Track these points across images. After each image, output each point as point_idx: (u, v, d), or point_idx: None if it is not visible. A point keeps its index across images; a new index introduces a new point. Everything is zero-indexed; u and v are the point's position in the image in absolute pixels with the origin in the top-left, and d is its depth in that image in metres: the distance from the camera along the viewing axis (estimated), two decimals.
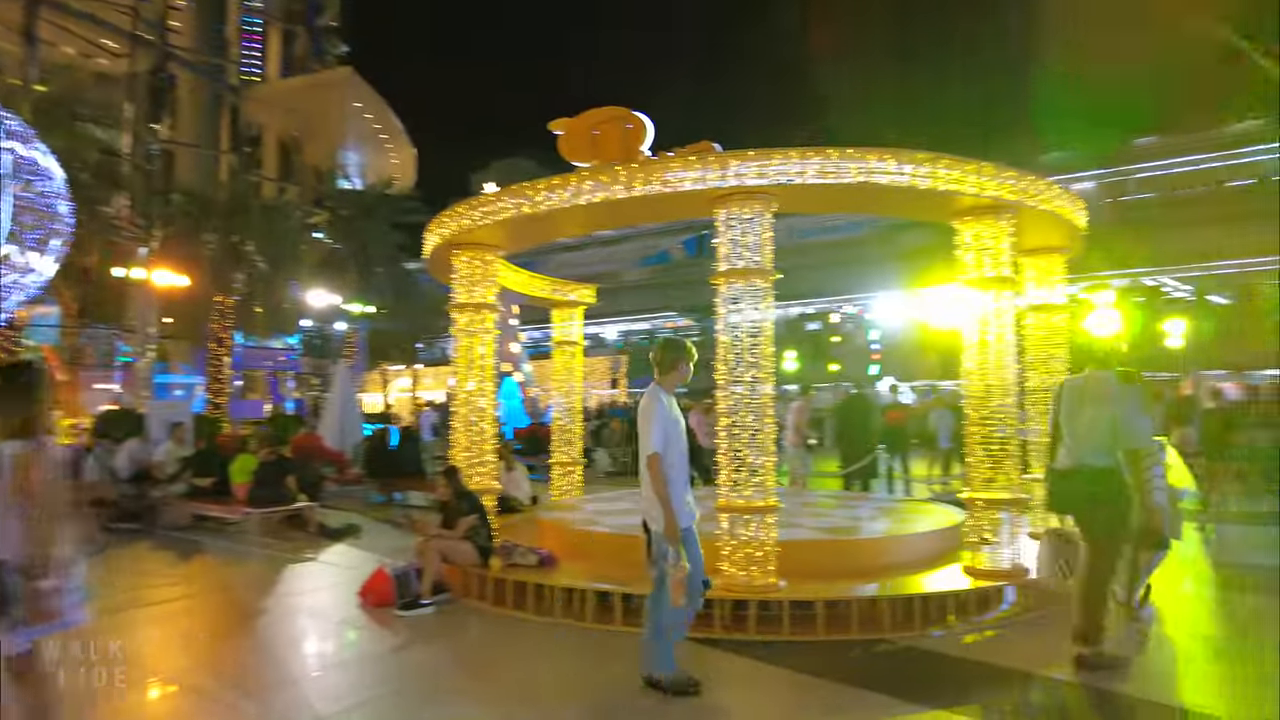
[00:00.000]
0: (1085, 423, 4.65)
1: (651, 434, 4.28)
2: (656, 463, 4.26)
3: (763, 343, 5.72)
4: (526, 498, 10.24)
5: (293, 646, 5.71)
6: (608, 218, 6.60)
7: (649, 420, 4.31)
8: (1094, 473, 4.57)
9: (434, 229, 7.35)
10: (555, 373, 10.31)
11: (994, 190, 5.97)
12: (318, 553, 9.02)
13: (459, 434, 7.42)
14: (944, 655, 5.01)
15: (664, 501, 4.23)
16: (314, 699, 4.53)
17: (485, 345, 7.43)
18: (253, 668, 5.16)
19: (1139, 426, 4.67)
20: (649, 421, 4.31)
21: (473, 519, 6.54)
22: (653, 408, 4.34)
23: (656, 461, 4.26)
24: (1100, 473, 4.57)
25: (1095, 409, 4.63)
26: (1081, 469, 4.62)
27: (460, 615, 6.21)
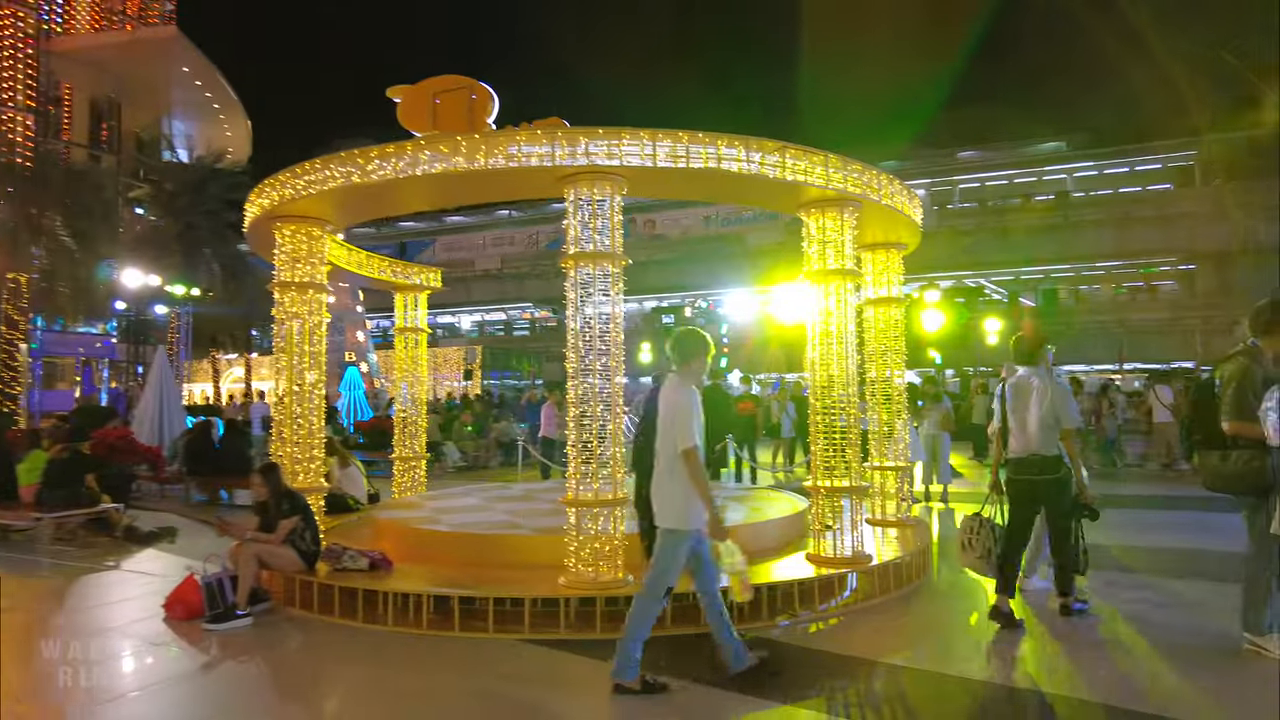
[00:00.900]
0: (1032, 417, 5.34)
1: (692, 426, 4.09)
2: (696, 456, 4.07)
3: (614, 330, 5.50)
4: (364, 496, 9.60)
5: (78, 673, 4.92)
6: (450, 192, 6.17)
7: (687, 412, 4.10)
8: (1044, 460, 5.30)
9: (255, 199, 6.64)
10: (398, 361, 9.70)
11: (840, 183, 6.04)
12: (122, 560, 8.05)
13: (284, 427, 6.77)
14: (791, 646, 5.00)
15: (708, 497, 4.08)
16: None
17: (317, 330, 6.80)
18: (22, 703, 4.41)
19: (1072, 409, 5.39)
20: (687, 414, 4.10)
21: (295, 521, 5.95)
22: (688, 400, 4.14)
23: (696, 455, 4.07)
24: (1050, 460, 5.31)
25: (1038, 404, 5.32)
26: (1034, 457, 5.32)
27: (280, 627, 5.63)
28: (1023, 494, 5.43)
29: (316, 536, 6.12)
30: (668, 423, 4.16)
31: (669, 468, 4.14)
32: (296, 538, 5.96)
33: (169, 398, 15.22)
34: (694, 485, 4.06)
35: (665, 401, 4.22)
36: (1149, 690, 4.26)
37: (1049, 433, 5.30)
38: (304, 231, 6.63)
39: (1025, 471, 5.37)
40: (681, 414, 4.10)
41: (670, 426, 4.14)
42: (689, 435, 4.07)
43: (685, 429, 4.08)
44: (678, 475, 4.09)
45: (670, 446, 4.12)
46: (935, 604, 6.12)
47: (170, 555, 8.19)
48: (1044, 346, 5.60)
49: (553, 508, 7.70)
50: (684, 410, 4.11)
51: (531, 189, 5.95)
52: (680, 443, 4.07)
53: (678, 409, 4.12)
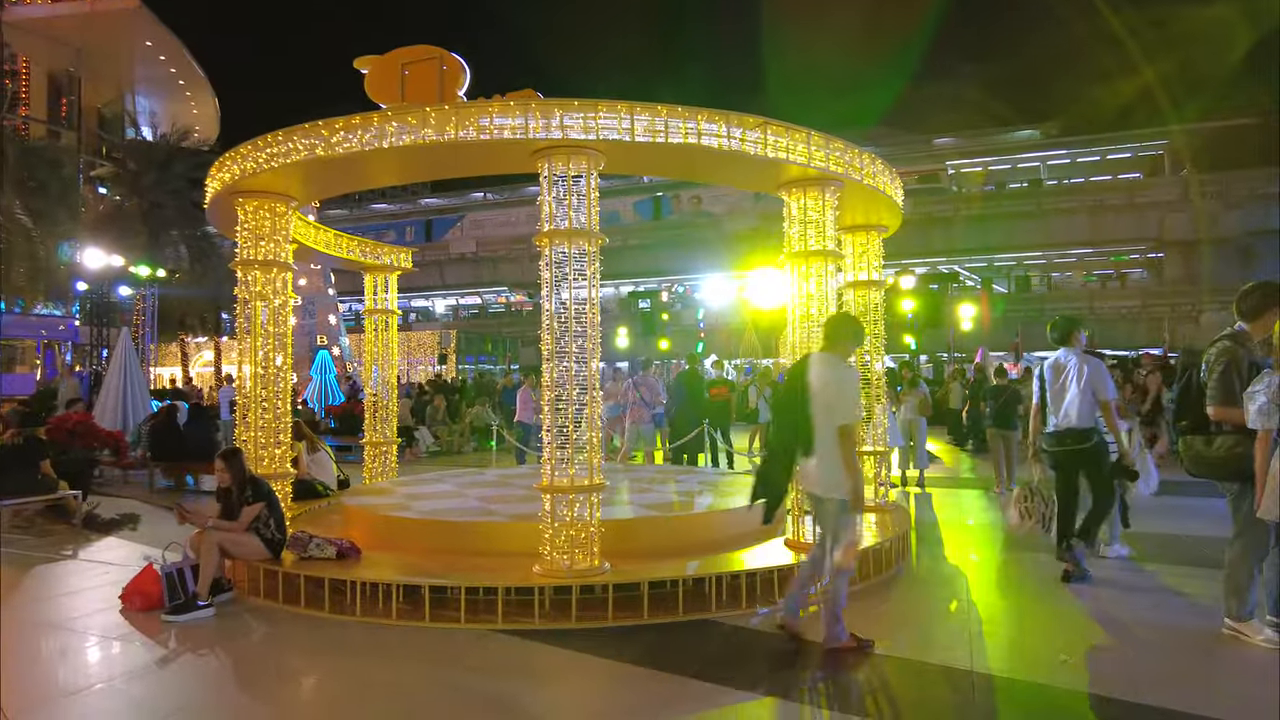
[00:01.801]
0: (1070, 393, 5.77)
1: (855, 402, 4.39)
2: (852, 432, 4.30)
3: (590, 312, 5.33)
4: (333, 481, 9.36)
5: (22, 670, 4.67)
6: (419, 166, 5.93)
7: (849, 388, 4.39)
8: (1080, 432, 5.76)
9: (215, 173, 6.36)
10: (368, 344, 9.45)
11: (822, 161, 5.89)
12: (80, 548, 7.78)
13: (248, 411, 6.53)
14: (770, 635, 4.88)
15: (856, 471, 4.29)
16: None
17: (282, 311, 6.56)
18: None
19: (1109, 384, 5.78)
20: (849, 389, 4.39)
21: (259, 508, 5.74)
22: (849, 376, 4.47)
23: (852, 431, 4.30)
24: (1086, 431, 5.76)
25: (1076, 381, 5.75)
26: (1071, 430, 5.77)
27: (243, 618, 5.43)
28: (1064, 462, 5.90)
29: (282, 524, 5.92)
30: (830, 399, 4.32)
31: (832, 441, 4.30)
32: (260, 525, 5.75)
33: (133, 381, 14.81)
34: (849, 459, 4.26)
35: (824, 379, 4.37)
36: (1125, 677, 4.20)
37: (1087, 407, 5.72)
38: (267, 207, 6.36)
39: (1064, 443, 5.84)
40: (844, 390, 4.35)
41: (833, 402, 4.31)
42: (852, 411, 4.32)
43: (847, 404, 4.31)
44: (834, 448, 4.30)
45: (832, 420, 4.29)
46: (915, 590, 6.05)
47: (131, 543, 7.93)
48: (1078, 330, 6.04)
49: (527, 494, 7.55)
50: (847, 386, 4.38)
51: (504, 163, 5.74)
52: (841, 419, 4.26)
53: (839, 385, 4.34)
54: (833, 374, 4.37)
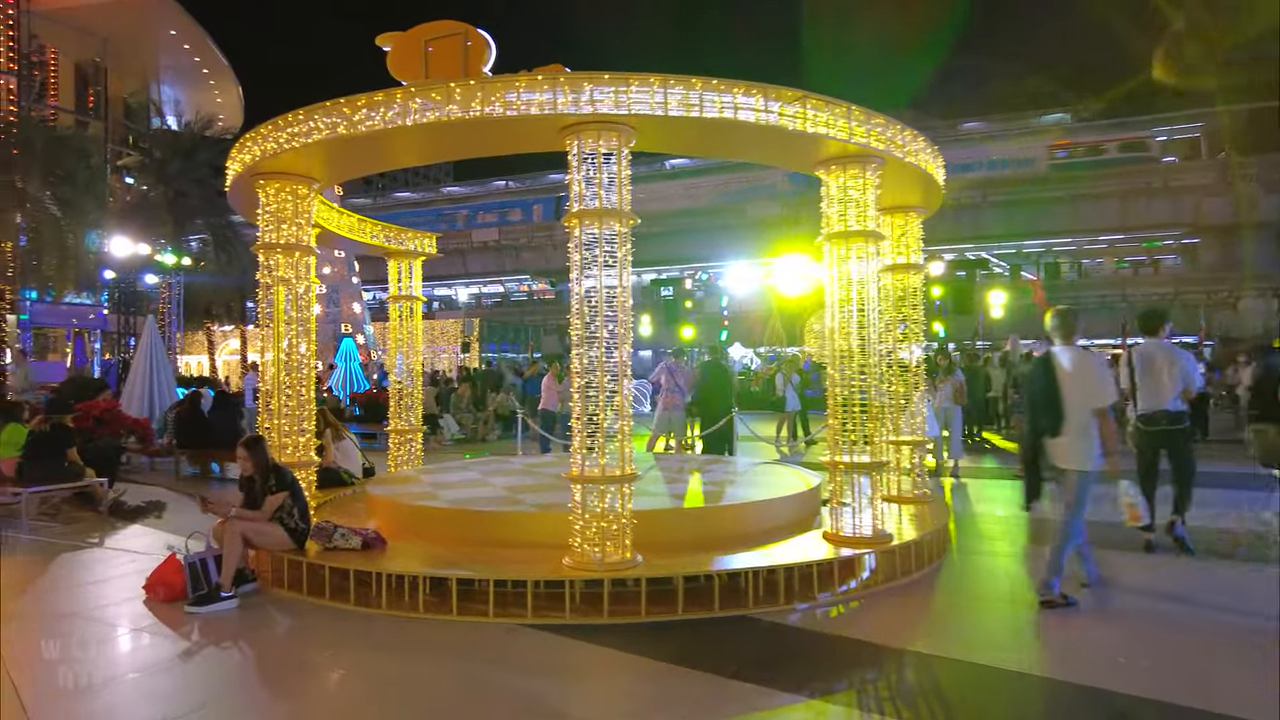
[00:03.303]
0: (1164, 380, 6.21)
1: (1106, 388, 4.95)
2: (1108, 412, 4.91)
3: (621, 295, 5.12)
4: (359, 469, 9.26)
5: (44, 662, 4.57)
6: (443, 145, 5.73)
7: (1104, 373, 5.00)
8: (1172, 415, 6.25)
9: (236, 155, 6.21)
10: (392, 331, 9.31)
11: (863, 137, 5.63)
12: (106, 536, 7.73)
13: (271, 399, 6.40)
14: (811, 633, 4.68)
15: (1115, 445, 4.92)
16: None
17: (305, 296, 6.40)
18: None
19: (1197, 376, 6.33)
20: (1104, 374, 5.00)
21: (282, 497, 5.61)
22: (1098, 361, 5.06)
23: (1108, 411, 4.91)
24: (1178, 414, 6.26)
25: (1167, 368, 6.21)
26: (1162, 413, 6.25)
27: (267, 609, 5.31)
28: (1152, 443, 6.36)
29: (306, 513, 5.79)
30: (1085, 384, 4.92)
31: (1086, 420, 4.90)
32: (284, 515, 5.63)
33: (159, 369, 14.83)
34: (1104, 434, 4.89)
35: (1080, 368, 4.97)
36: (1188, 680, 3.95)
37: (1178, 393, 6.23)
38: (289, 189, 6.20)
39: (1157, 424, 6.30)
40: (1100, 374, 4.97)
41: (1089, 387, 4.91)
42: (1110, 393, 4.94)
43: (1100, 390, 4.91)
44: (1087, 426, 4.90)
45: (1088, 403, 4.89)
46: (960, 586, 5.80)
47: (157, 531, 7.87)
48: (1165, 322, 6.48)
49: (554, 482, 7.39)
50: (1102, 371, 5.00)
51: (532, 141, 5.52)
52: (1097, 401, 4.89)
53: (1093, 370, 4.97)
54: (1082, 360, 5.01)
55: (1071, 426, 4.94)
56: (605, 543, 4.99)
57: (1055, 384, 5.00)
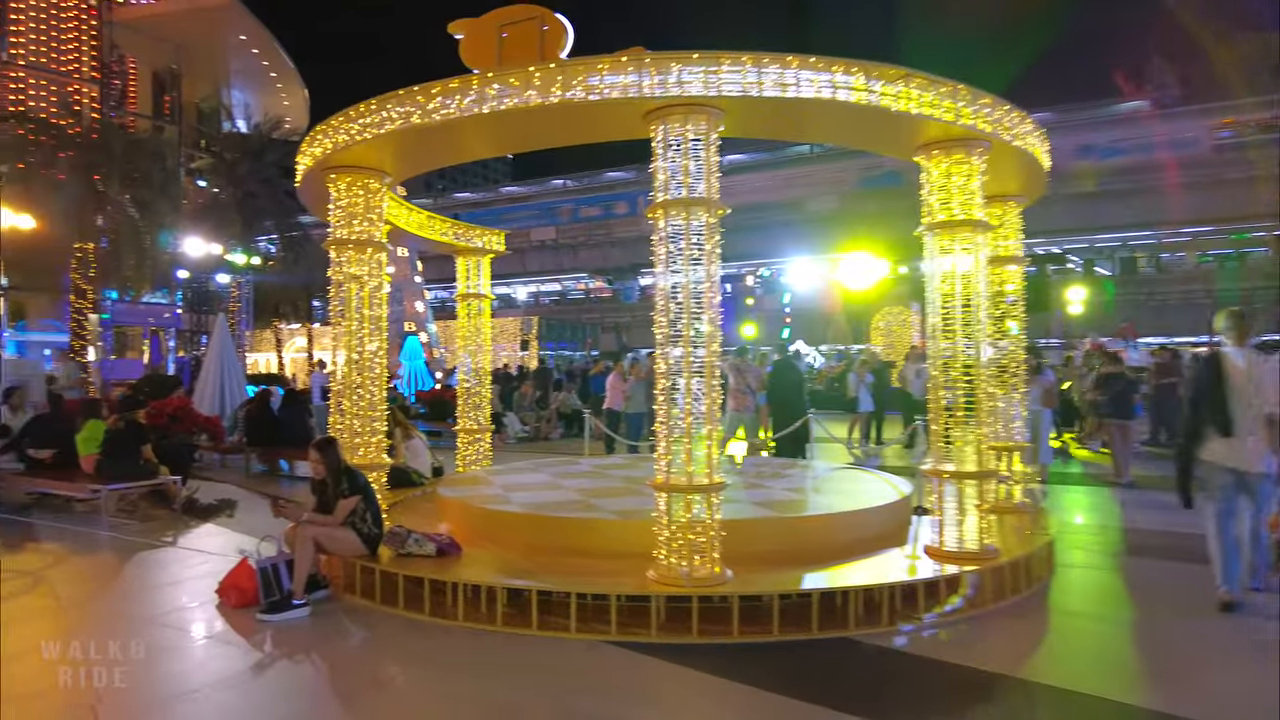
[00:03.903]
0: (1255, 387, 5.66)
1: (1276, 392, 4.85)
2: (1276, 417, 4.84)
3: (709, 291, 4.78)
4: (428, 469, 9.10)
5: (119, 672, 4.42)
6: (520, 134, 5.46)
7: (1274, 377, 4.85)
8: None
9: (306, 148, 6.06)
10: (460, 329, 9.14)
11: (969, 118, 5.17)
12: (180, 535, 7.72)
13: (342, 398, 6.24)
14: (921, 659, 4.28)
15: None
16: None
17: (377, 293, 6.23)
18: (45, 707, 3.97)
19: None
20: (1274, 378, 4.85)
21: (355, 501, 5.42)
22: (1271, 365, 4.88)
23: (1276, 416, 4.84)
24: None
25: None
26: None
27: (339, 619, 5.12)
28: None
29: (378, 518, 5.60)
30: (1259, 386, 4.85)
31: (1257, 422, 4.84)
32: (357, 519, 5.44)
33: (229, 367, 15.04)
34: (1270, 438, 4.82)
35: (1255, 369, 4.89)
36: None
37: None
38: (360, 184, 6.03)
39: None
40: (1271, 380, 4.86)
41: (1264, 389, 4.84)
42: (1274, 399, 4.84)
43: (1273, 393, 4.83)
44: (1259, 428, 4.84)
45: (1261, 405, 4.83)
46: (1076, 606, 5.31)
47: (228, 531, 7.83)
48: None
49: (627, 486, 7.11)
50: (1272, 377, 4.86)
51: (613, 127, 5.21)
52: (1271, 405, 4.81)
53: (1269, 375, 4.86)
54: (1261, 365, 4.90)
55: (1242, 428, 4.85)
56: (693, 556, 4.66)
57: (1224, 385, 4.93)
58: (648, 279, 47.07)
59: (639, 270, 46.28)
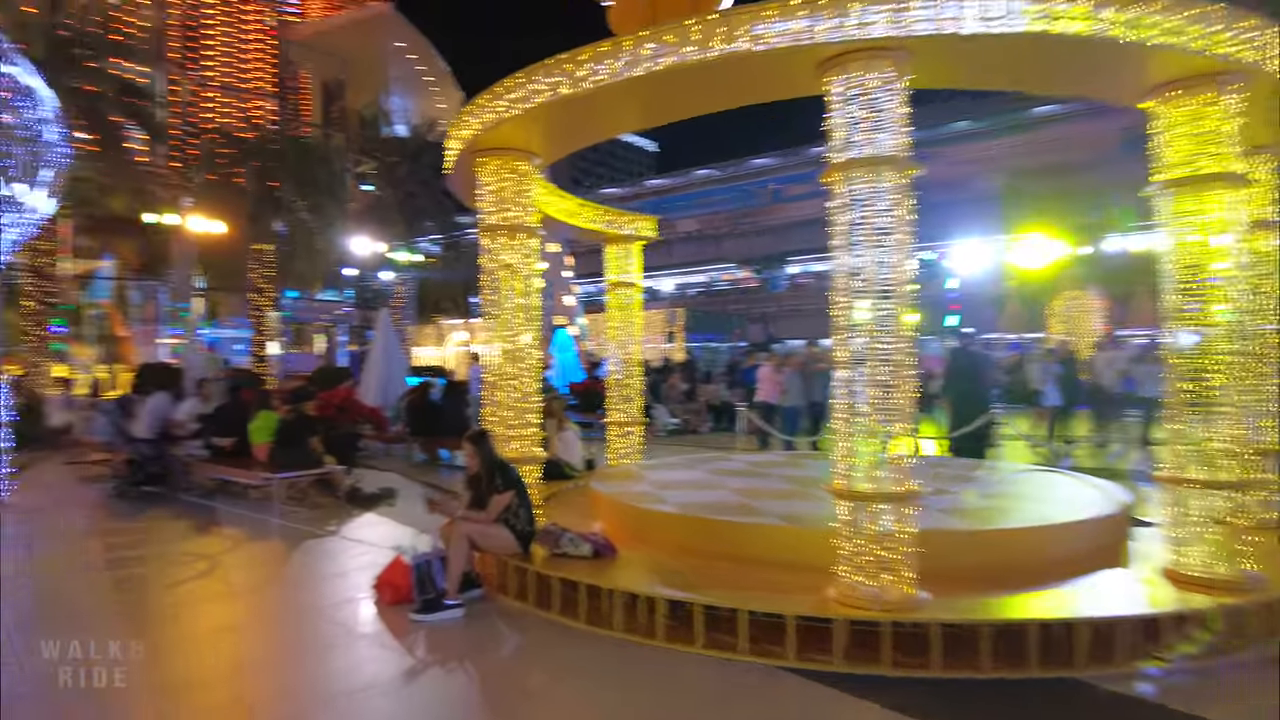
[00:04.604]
0: None
1: None
2: None
3: (898, 265, 4.11)
4: (580, 462, 8.87)
5: (266, 669, 4.32)
6: (676, 99, 4.96)
7: None
8: None
9: (455, 132, 5.86)
10: (610, 319, 8.83)
11: (1224, 46, 4.20)
12: (342, 524, 7.84)
13: (496, 390, 6.02)
14: (1175, 713, 3.45)
15: None
16: None
17: (529, 281, 5.97)
18: (206, 700, 3.91)
19: None
20: None
21: (509, 497, 5.16)
22: None
23: None
24: None
25: None
26: None
27: (492, 621, 4.87)
28: None
29: (531, 514, 5.32)
30: None
31: None
32: (510, 516, 5.18)
33: (394, 359, 15.60)
34: None
35: None
36: None
37: None
38: (509, 166, 5.76)
39: None
40: None
41: None
42: None
43: None
44: None
45: None
46: None
47: (388, 522, 7.91)
48: None
49: (792, 488, 6.51)
50: None
51: (780, 83, 4.62)
52: None
53: None
54: None
55: None
56: (882, 575, 4.02)
57: None
58: (795, 267, 45.73)
59: (786, 258, 45.03)
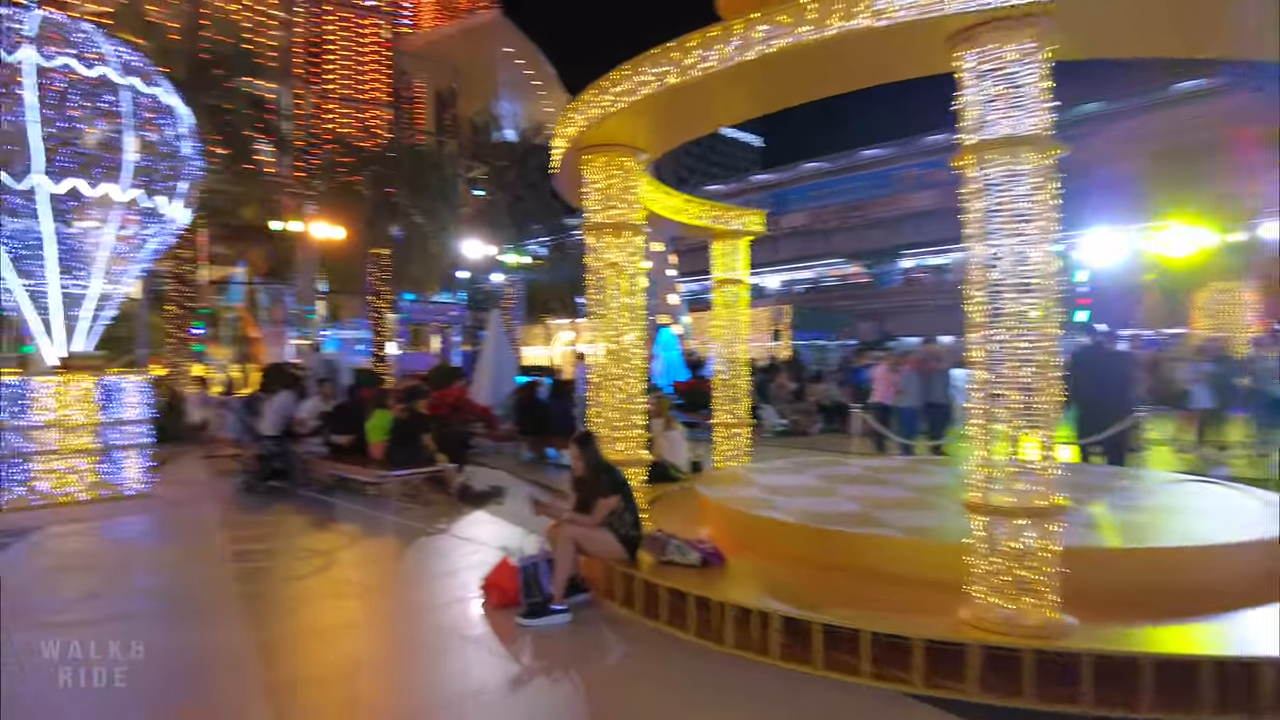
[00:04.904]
0: None
1: None
2: None
3: (1042, 259, 3.71)
4: (685, 464, 8.69)
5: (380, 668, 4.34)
6: (788, 84, 4.69)
7: None
8: None
9: (561, 130, 5.79)
10: (716, 317, 8.61)
11: None
12: (453, 522, 7.95)
13: (601, 391, 5.92)
14: None
15: None
16: None
17: (635, 280, 5.83)
18: (321, 697, 3.95)
19: None
20: None
21: (614, 501, 5.04)
22: None
23: None
24: None
25: None
26: None
27: (599, 629, 4.76)
28: None
29: (637, 519, 5.18)
30: None
31: None
32: (616, 520, 5.06)
33: (504, 359, 15.88)
34: None
35: None
36: None
37: None
38: (615, 163, 5.64)
39: None
40: None
41: None
42: None
43: None
44: None
45: None
46: None
47: (498, 519, 7.97)
48: None
49: (912, 495, 6.12)
50: None
51: (902, 61, 4.28)
52: None
53: None
54: None
55: None
56: (1021, 596, 3.65)
57: None
58: (909, 261, 44.06)
59: (899, 252, 43.45)
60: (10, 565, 6.37)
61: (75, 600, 5.39)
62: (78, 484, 8.60)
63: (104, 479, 8.80)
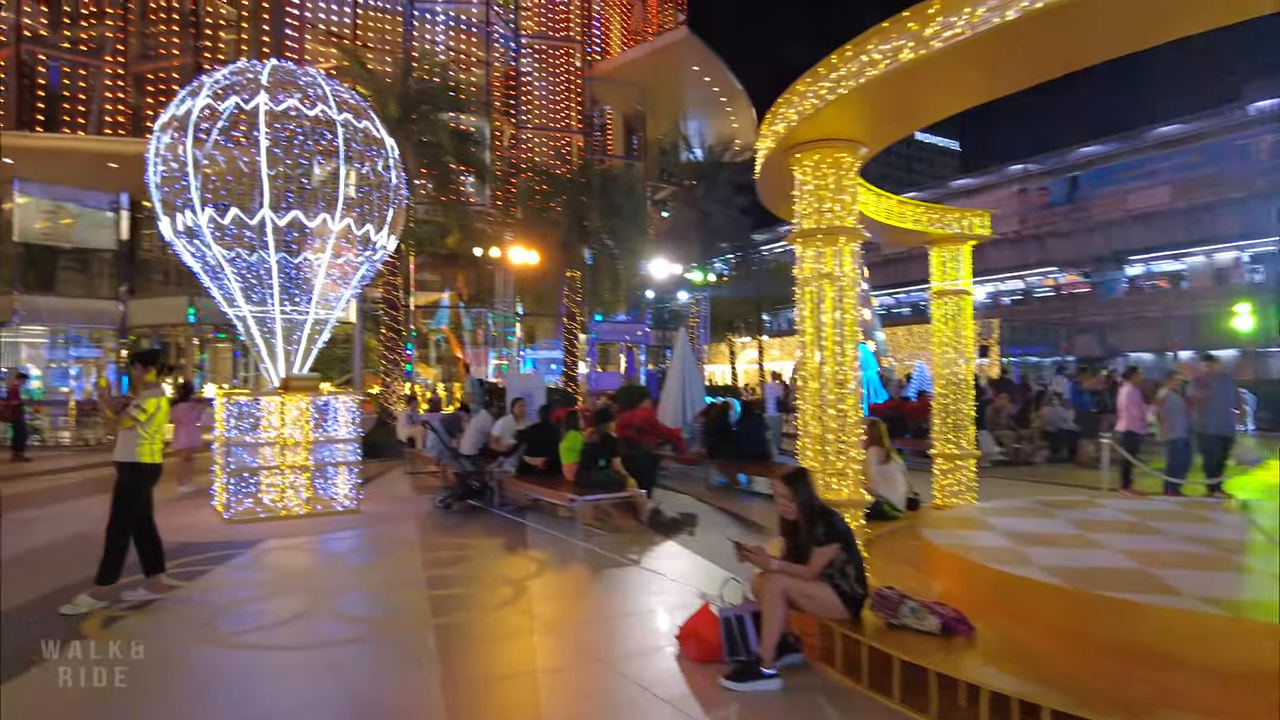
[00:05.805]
0: None
1: None
2: None
3: None
4: (902, 500, 7.75)
5: None
6: (1049, 51, 3.79)
7: None
8: None
9: (766, 130, 5.22)
10: (936, 332, 7.65)
11: None
12: (643, 552, 7.54)
13: (810, 420, 5.24)
14: None
15: None
16: None
17: (847, 292, 5.13)
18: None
19: None
20: None
21: (833, 550, 4.33)
22: None
23: None
24: None
25: None
26: None
27: (816, 701, 4.06)
28: None
29: (861, 573, 4.44)
30: None
31: None
32: (835, 573, 4.36)
33: (690, 379, 15.47)
34: None
35: None
36: None
37: None
38: (830, 159, 4.98)
39: None
40: None
41: None
42: None
43: None
44: None
45: None
46: None
47: (690, 552, 7.47)
48: None
49: (1199, 550, 4.94)
50: None
51: (1207, 12, 3.33)
52: None
53: None
54: None
55: None
56: None
57: None
58: (1136, 268, 39.24)
59: (1125, 258, 38.74)
60: (236, 576, 6.70)
61: (283, 621, 5.48)
62: (295, 499, 9.08)
63: (318, 494, 9.25)
